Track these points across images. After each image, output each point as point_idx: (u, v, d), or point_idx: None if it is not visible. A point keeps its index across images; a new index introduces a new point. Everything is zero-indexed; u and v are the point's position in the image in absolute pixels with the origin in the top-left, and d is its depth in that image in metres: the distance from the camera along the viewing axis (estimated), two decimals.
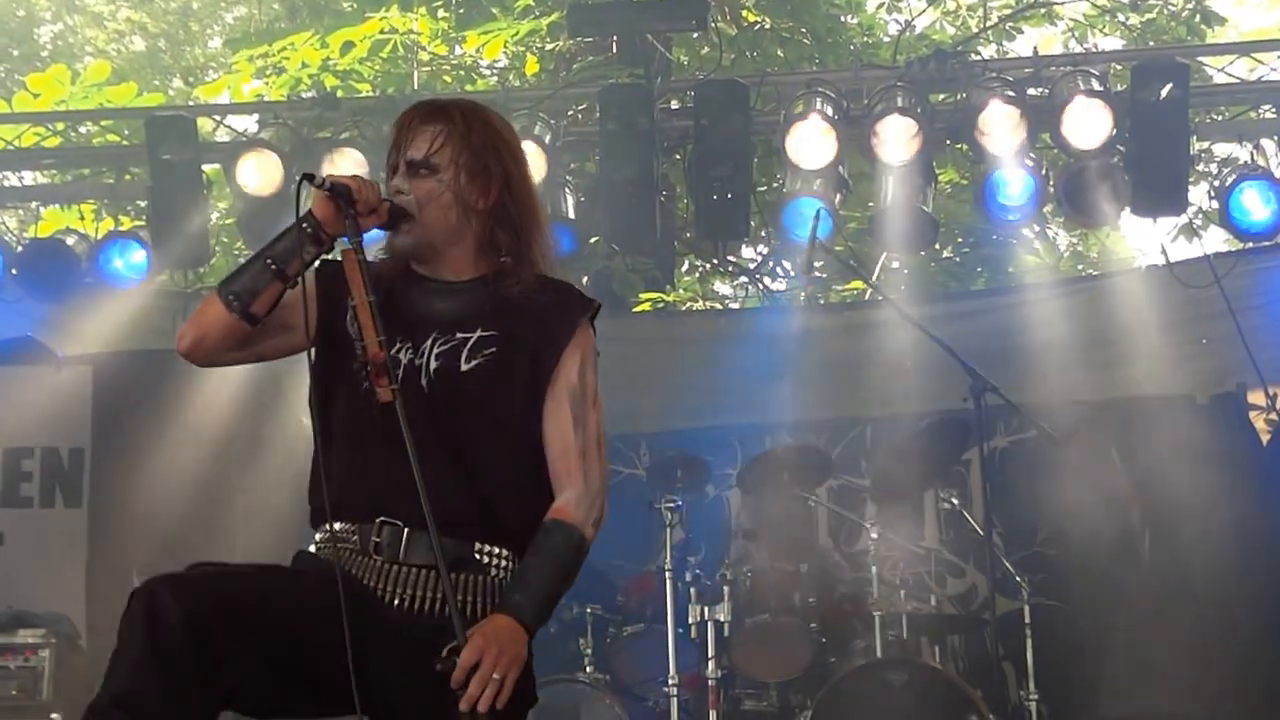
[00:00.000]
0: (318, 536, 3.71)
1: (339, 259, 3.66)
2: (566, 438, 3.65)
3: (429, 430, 3.53)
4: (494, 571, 3.61)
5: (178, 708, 3.23)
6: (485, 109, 3.84)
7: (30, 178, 11.09)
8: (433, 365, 3.63)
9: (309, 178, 3.59)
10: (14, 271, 9.37)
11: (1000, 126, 8.62)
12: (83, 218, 10.44)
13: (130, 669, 3.24)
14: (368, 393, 3.54)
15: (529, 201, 3.79)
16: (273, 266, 3.59)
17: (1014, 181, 8.80)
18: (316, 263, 3.67)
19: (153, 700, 3.21)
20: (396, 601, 3.56)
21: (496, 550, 3.62)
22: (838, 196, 9.14)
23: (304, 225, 3.58)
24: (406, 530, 3.56)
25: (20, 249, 9.61)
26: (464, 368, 3.64)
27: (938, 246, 11.93)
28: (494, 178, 3.71)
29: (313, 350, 3.71)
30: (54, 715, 6.86)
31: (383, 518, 3.57)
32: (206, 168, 9.54)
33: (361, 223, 3.59)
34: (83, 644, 7.72)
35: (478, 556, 3.60)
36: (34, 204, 10.66)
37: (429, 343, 3.65)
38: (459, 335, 3.67)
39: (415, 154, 3.69)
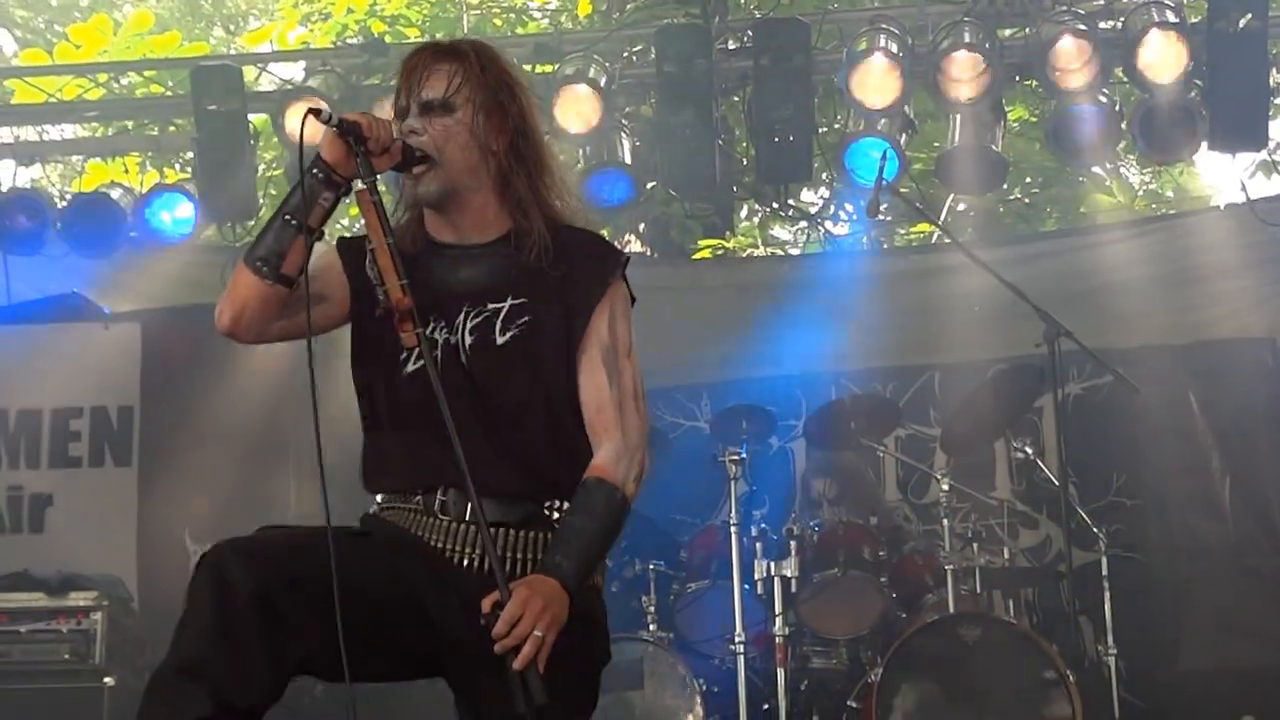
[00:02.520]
0: (379, 498, 3.70)
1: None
2: (601, 393, 3.63)
3: (475, 404, 3.55)
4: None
5: (246, 677, 3.23)
6: (493, 48, 3.79)
7: (72, 131, 11.11)
8: (468, 341, 3.62)
9: (315, 113, 3.53)
10: (58, 227, 9.40)
11: (1072, 61, 8.53)
12: (127, 171, 10.48)
13: (198, 639, 3.24)
14: (400, 368, 3.57)
15: (541, 141, 3.75)
16: (292, 222, 3.54)
17: (1087, 118, 8.70)
18: (333, 240, 3.67)
19: (220, 670, 3.21)
20: (465, 562, 3.55)
21: (562, 507, 3.61)
22: (903, 137, 9.09)
23: (314, 171, 3.53)
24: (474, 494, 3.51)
25: (64, 204, 9.63)
26: (500, 341, 3.62)
27: (1006, 187, 11.82)
28: (509, 116, 3.68)
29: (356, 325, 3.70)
30: (107, 679, 6.88)
31: (447, 482, 3.56)
32: (253, 117, 9.53)
33: (375, 163, 3.52)
34: (135, 606, 7.76)
35: (546, 513, 3.61)
36: (77, 158, 10.72)
37: (461, 317, 3.63)
38: (490, 306, 3.64)
39: (432, 94, 3.64)
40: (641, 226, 12.95)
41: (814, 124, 9.15)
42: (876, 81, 8.64)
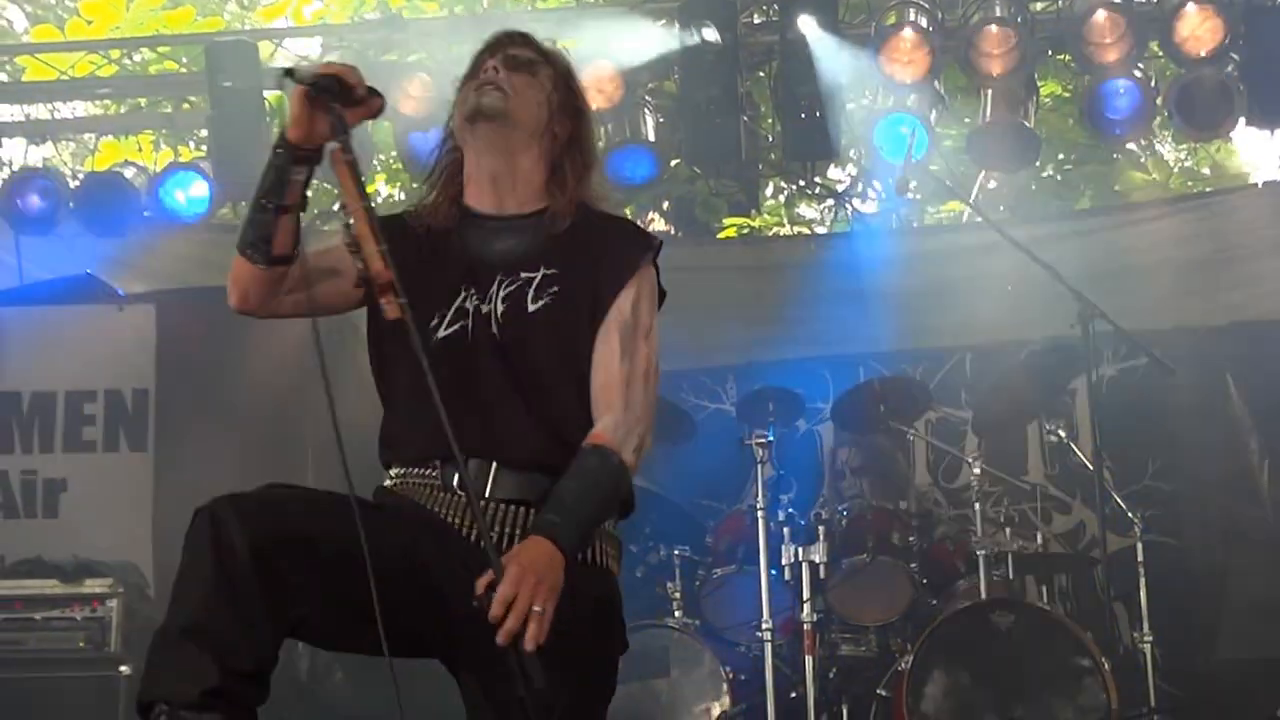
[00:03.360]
0: (393, 471, 3.71)
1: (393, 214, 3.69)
2: (611, 367, 3.64)
3: (506, 372, 3.59)
4: None
5: (246, 637, 3.24)
6: (572, 64, 3.95)
7: (84, 109, 11.13)
8: (500, 309, 3.65)
9: (289, 72, 3.51)
10: (71, 206, 9.42)
11: (1106, 35, 8.50)
12: (141, 149, 10.50)
13: (199, 598, 3.24)
14: (446, 342, 3.60)
15: (593, 156, 3.86)
16: (269, 205, 3.55)
17: (1121, 93, 8.68)
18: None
19: (221, 629, 3.21)
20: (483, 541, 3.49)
21: None
22: (933, 113, 9.09)
23: (277, 150, 3.52)
24: (494, 464, 3.57)
25: (77, 183, 9.66)
26: (530, 309, 3.65)
27: (1039, 164, 11.79)
28: (576, 118, 3.82)
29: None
30: (123, 667, 6.88)
31: (467, 455, 3.47)
32: (269, 94, 9.53)
33: (351, 114, 3.45)
34: (151, 593, 7.75)
35: None
36: (90, 136, 10.73)
37: (495, 287, 3.67)
38: (523, 275, 3.68)
39: (520, 54, 3.78)
40: (665, 205, 12.96)
41: (841, 100, 9.13)
42: (905, 56, 8.63)
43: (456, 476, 3.55)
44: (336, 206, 3.34)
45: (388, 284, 3.26)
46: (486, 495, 3.56)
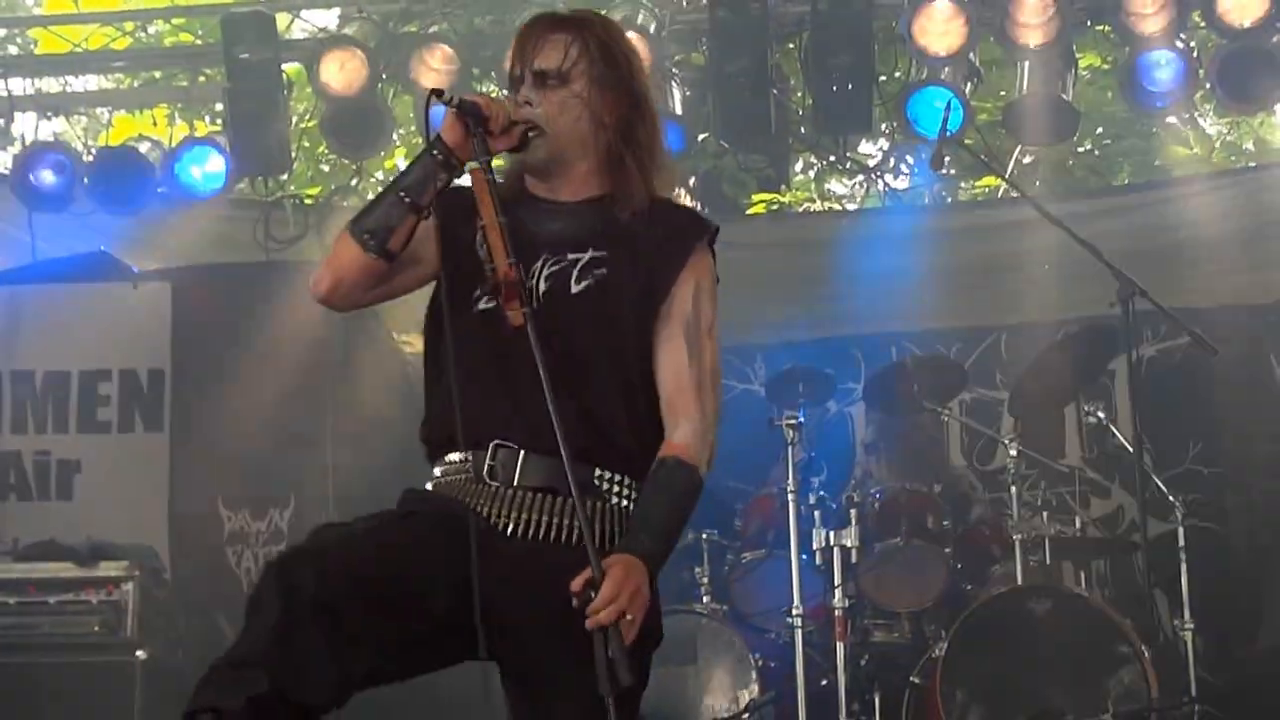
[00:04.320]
0: (436, 471, 3.76)
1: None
2: (681, 370, 3.68)
3: (544, 353, 3.54)
4: (613, 499, 3.65)
5: (304, 678, 3.30)
6: (611, 21, 3.96)
7: (97, 82, 11.13)
8: (542, 287, 3.68)
9: (438, 93, 3.64)
10: (85, 182, 9.43)
11: (1147, 5, 8.46)
12: (156, 124, 10.48)
13: (257, 638, 3.32)
14: (486, 318, 3.61)
15: (652, 117, 3.85)
16: (406, 199, 3.65)
17: (1162, 65, 8.64)
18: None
19: (277, 664, 3.28)
20: (510, 527, 3.59)
21: (615, 476, 3.66)
22: (968, 85, 9.05)
23: (434, 152, 3.64)
24: (522, 453, 3.60)
25: (90, 158, 9.67)
26: (574, 289, 3.68)
27: (1077, 139, 11.74)
28: (623, 91, 3.79)
29: (443, 288, 3.74)
30: (139, 653, 6.90)
31: (497, 441, 3.61)
32: (286, 67, 9.54)
33: (491, 144, 3.63)
34: (167, 577, 7.78)
35: (597, 483, 3.63)
36: (103, 110, 10.73)
37: (539, 264, 3.70)
38: (569, 256, 3.71)
39: (546, 64, 3.74)
40: (692, 180, 12.90)
41: (874, 72, 9.10)
42: (940, 27, 8.61)
43: (488, 466, 3.62)
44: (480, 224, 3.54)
45: (514, 288, 3.45)
46: (515, 483, 3.60)
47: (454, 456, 3.69)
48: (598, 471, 3.63)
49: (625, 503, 3.65)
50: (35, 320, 8.86)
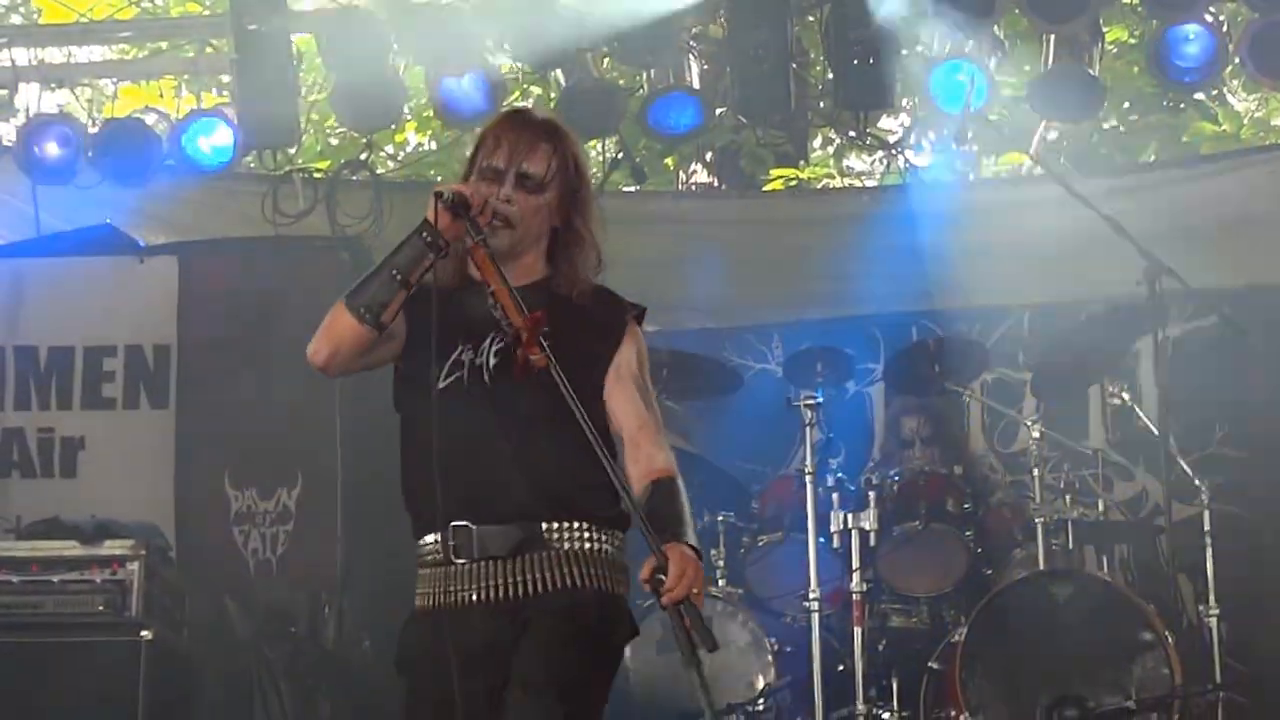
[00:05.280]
0: (420, 551, 4.19)
1: None
2: (641, 412, 4.20)
3: (496, 421, 4.08)
4: (565, 545, 4.06)
5: None
6: (574, 133, 4.44)
7: (102, 53, 11.14)
8: (492, 362, 4.12)
9: (437, 195, 4.04)
10: (90, 155, 9.42)
11: None
12: (162, 95, 10.49)
13: None
14: (444, 397, 4.06)
15: (590, 219, 4.33)
16: (398, 277, 4.05)
17: (1191, 39, 8.62)
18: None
19: None
20: (477, 597, 4.03)
21: (564, 525, 4.07)
22: (992, 60, 9.01)
23: (424, 236, 4.04)
24: (476, 529, 4.03)
25: (96, 130, 9.65)
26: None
27: (1102, 116, 11.73)
28: (578, 199, 4.31)
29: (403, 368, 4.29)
30: (145, 632, 6.90)
31: (454, 523, 4.03)
32: (296, 38, 9.53)
33: (483, 220, 4.08)
34: (173, 556, 7.80)
35: (545, 535, 4.04)
36: (109, 81, 10.74)
37: (487, 342, 4.14)
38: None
39: (533, 170, 4.23)
40: (709, 155, 12.93)
41: (896, 45, 9.08)
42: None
43: (451, 546, 4.05)
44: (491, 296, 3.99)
45: (533, 339, 3.89)
46: (476, 556, 4.03)
47: (428, 539, 4.13)
48: (544, 526, 4.05)
49: (576, 545, 4.06)
50: (39, 295, 8.88)
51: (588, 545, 4.06)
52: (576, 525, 4.06)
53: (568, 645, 3.97)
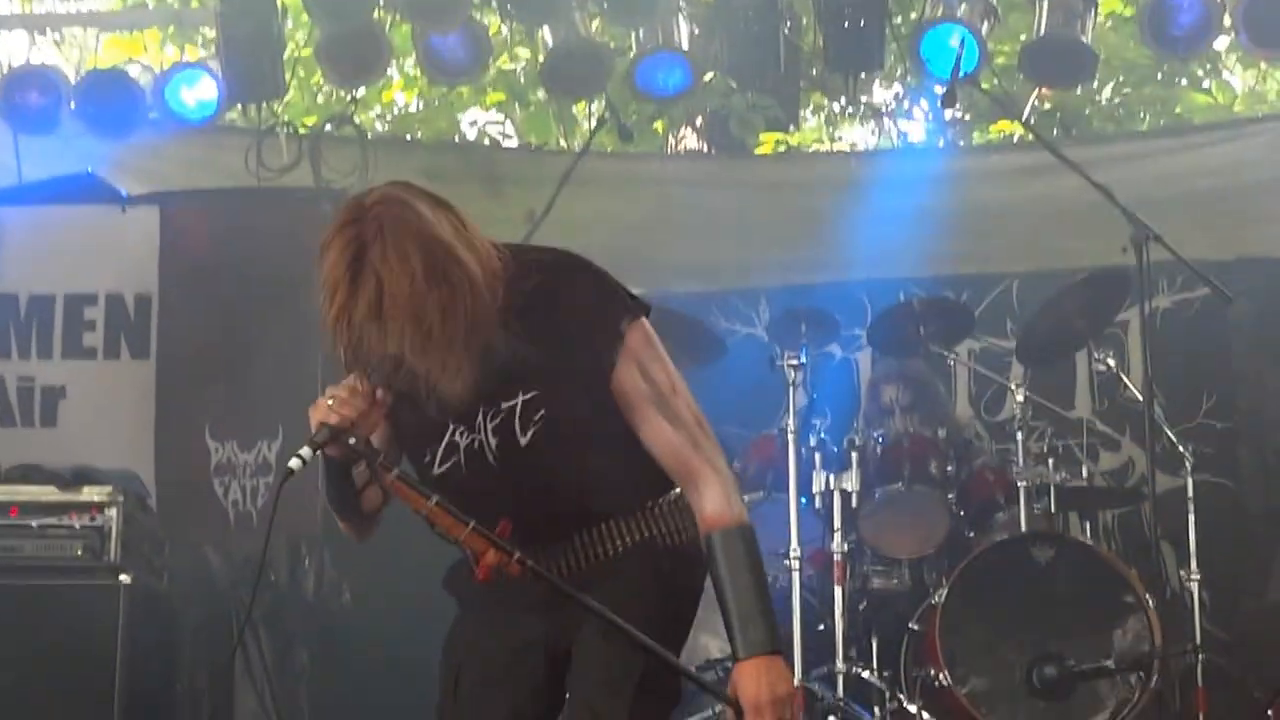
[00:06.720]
0: None
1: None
2: (669, 439, 3.88)
3: (512, 496, 3.84)
4: (603, 550, 3.95)
5: None
6: (394, 216, 3.68)
7: (86, 4, 11.21)
8: (493, 442, 3.86)
9: (299, 456, 3.68)
10: (72, 105, 9.48)
11: None
12: (146, 48, 10.55)
13: None
14: (441, 481, 3.87)
15: (457, 264, 3.66)
16: (345, 509, 3.93)
17: (1185, 9, 8.71)
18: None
19: None
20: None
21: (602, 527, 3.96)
22: (984, 25, 9.08)
23: (330, 475, 3.82)
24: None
25: (79, 81, 9.71)
26: (523, 442, 3.87)
27: (1095, 87, 11.82)
28: (444, 284, 3.64)
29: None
30: (123, 576, 6.99)
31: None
32: None
33: (365, 428, 3.72)
34: (152, 503, 7.89)
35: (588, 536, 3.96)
36: (92, 32, 10.79)
37: (480, 419, 3.86)
38: (504, 405, 3.86)
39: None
40: (699, 119, 13.01)
41: (887, 9, 9.15)
42: None
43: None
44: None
45: (484, 556, 3.66)
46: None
47: None
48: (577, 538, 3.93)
49: (603, 538, 3.94)
50: (20, 242, 8.87)
51: (635, 535, 3.93)
52: (608, 526, 3.93)
53: (634, 600, 3.82)
